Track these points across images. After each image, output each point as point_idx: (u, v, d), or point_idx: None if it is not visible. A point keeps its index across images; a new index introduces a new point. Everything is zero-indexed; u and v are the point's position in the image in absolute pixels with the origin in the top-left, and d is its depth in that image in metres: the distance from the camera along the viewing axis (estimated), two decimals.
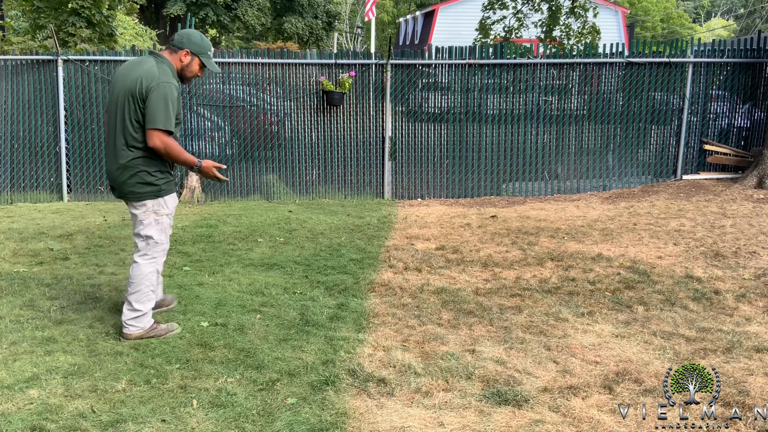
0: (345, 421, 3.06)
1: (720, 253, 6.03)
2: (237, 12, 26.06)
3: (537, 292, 5.00)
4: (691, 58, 9.68)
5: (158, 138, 3.74)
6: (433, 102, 9.68)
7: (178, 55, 3.93)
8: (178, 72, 3.95)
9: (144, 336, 3.97)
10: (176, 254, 6.15)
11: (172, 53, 3.94)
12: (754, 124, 9.92)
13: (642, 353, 3.85)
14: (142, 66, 3.85)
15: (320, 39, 30.37)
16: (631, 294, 4.95)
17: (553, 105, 9.80)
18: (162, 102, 3.72)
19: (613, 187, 9.87)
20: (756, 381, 3.46)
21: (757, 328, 4.27)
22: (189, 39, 3.94)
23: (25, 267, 5.64)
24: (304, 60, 9.50)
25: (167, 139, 3.76)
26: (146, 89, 3.75)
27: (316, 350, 3.86)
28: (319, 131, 9.56)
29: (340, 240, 6.77)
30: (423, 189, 9.74)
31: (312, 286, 5.16)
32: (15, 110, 9.22)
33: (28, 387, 3.34)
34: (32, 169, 9.32)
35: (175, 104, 3.78)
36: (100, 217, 7.97)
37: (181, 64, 3.95)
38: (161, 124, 3.72)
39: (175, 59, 3.93)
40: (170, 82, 3.79)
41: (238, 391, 3.32)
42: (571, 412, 3.15)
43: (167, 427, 2.99)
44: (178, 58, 3.93)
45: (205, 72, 3.96)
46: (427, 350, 3.90)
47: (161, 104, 3.72)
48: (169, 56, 3.94)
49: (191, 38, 3.94)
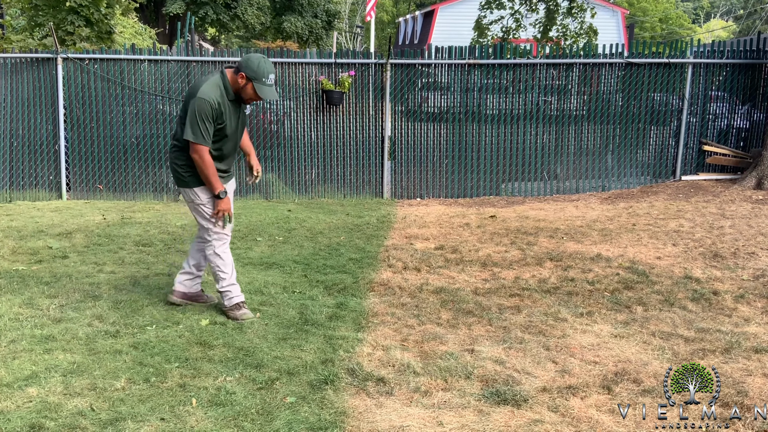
0: (344, 420, 3.07)
1: (719, 253, 6.04)
2: (236, 11, 26.03)
3: (536, 292, 5.00)
4: (691, 59, 9.69)
5: (191, 148, 4.07)
6: (432, 102, 9.68)
7: (237, 76, 4.07)
8: (236, 92, 4.11)
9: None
10: (175, 253, 6.15)
11: (235, 73, 4.09)
12: (754, 125, 9.93)
13: (641, 353, 3.86)
14: (199, 79, 4.21)
15: (320, 38, 30.35)
16: (629, 294, 4.95)
17: (553, 105, 9.81)
18: (193, 116, 3.98)
19: (612, 187, 9.88)
20: (754, 381, 3.47)
21: (756, 328, 4.27)
22: (246, 63, 4.04)
23: (24, 265, 5.64)
24: (304, 59, 9.50)
25: (201, 151, 4.05)
26: (186, 102, 4.10)
27: (315, 349, 3.86)
28: (318, 131, 9.56)
29: (339, 239, 6.77)
30: (422, 189, 9.74)
31: (311, 285, 5.16)
32: (14, 108, 9.22)
33: (27, 385, 3.34)
34: (31, 167, 9.31)
35: (209, 119, 3.99)
36: (99, 215, 7.96)
37: (237, 86, 4.09)
38: (190, 137, 4.01)
39: (234, 80, 4.09)
40: (207, 98, 3.97)
41: (237, 390, 3.32)
42: (570, 412, 3.16)
43: (166, 425, 2.99)
44: (236, 78, 4.08)
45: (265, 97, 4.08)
46: (426, 350, 3.90)
47: (192, 118, 3.99)
48: (231, 75, 4.10)
49: (248, 63, 4.04)
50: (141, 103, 9.34)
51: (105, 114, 9.29)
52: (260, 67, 4.03)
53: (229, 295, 4.38)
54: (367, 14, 22.31)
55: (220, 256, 4.33)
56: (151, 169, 9.41)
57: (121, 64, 9.23)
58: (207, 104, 3.98)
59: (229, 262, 4.38)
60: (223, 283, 4.36)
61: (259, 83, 4.06)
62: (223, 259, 4.34)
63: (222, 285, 4.36)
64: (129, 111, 9.33)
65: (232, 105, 4.14)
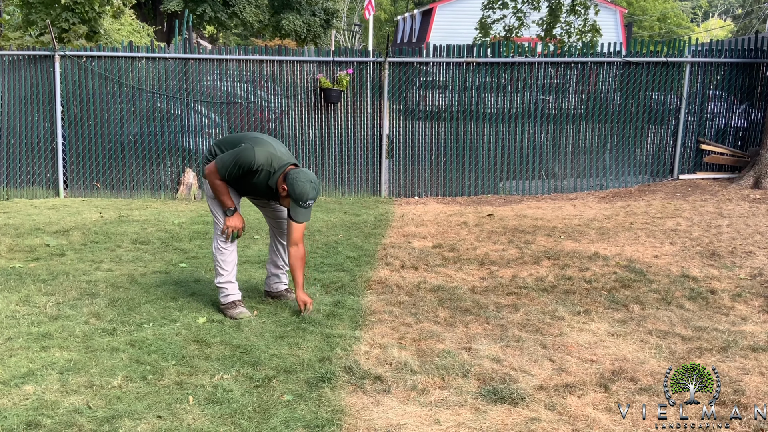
0: (341, 418, 3.07)
1: (716, 252, 6.05)
2: (235, 9, 26.01)
3: (533, 291, 5.00)
4: (689, 58, 9.70)
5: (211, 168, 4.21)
6: (430, 100, 9.68)
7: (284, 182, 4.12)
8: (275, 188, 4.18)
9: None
10: (173, 251, 6.14)
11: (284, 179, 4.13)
12: (751, 124, 9.94)
13: (638, 352, 3.86)
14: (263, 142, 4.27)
15: (318, 36, 30.33)
16: (627, 293, 4.96)
17: (551, 104, 9.81)
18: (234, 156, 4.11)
19: (610, 186, 9.89)
20: (751, 380, 3.47)
21: (753, 327, 4.28)
22: (292, 184, 4.07)
23: (21, 263, 5.63)
24: (302, 57, 9.49)
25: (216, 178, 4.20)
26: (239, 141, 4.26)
27: (312, 347, 3.86)
28: (316, 129, 9.55)
29: (336, 237, 6.77)
30: (420, 187, 9.74)
31: (308, 283, 5.16)
32: (12, 106, 9.20)
33: (23, 383, 3.33)
34: (29, 164, 9.30)
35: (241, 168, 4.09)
36: (97, 213, 7.95)
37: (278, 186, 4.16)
38: (219, 163, 4.16)
39: (281, 181, 4.14)
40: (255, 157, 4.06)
41: (234, 388, 3.32)
42: (567, 411, 3.16)
43: (163, 423, 2.99)
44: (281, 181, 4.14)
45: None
46: (423, 348, 3.90)
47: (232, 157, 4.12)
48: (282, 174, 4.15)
49: (294, 184, 4.06)
50: (138, 101, 9.33)
51: (102, 111, 9.27)
52: (302, 193, 4.06)
53: (225, 292, 4.37)
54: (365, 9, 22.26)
55: (223, 251, 4.36)
56: (149, 167, 9.40)
57: (119, 61, 9.21)
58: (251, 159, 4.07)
59: (231, 259, 4.39)
60: (221, 279, 4.36)
61: (296, 205, 4.13)
62: (224, 255, 4.36)
63: (219, 281, 4.37)
64: (126, 108, 9.32)
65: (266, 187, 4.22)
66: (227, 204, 4.28)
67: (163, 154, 9.37)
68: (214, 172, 4.19)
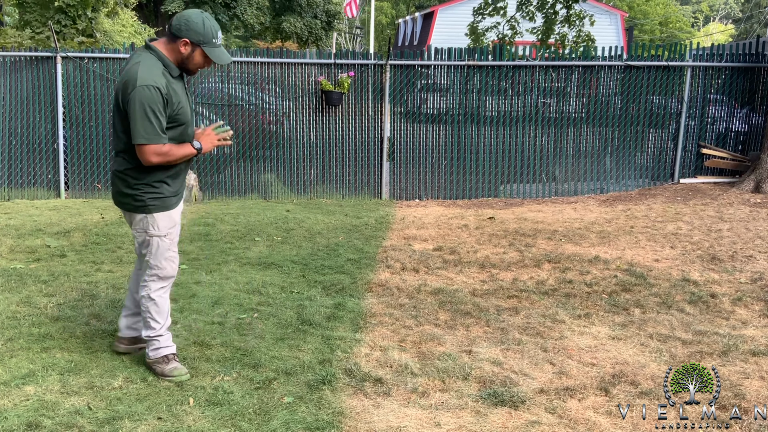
0: (341, 420, 3.07)
1: (717, 256, 6.05)
2: (236, 11, 26.02)
3: (534, 294, 5.00)
4: (690, 62, 9.71)
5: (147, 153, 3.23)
6: (431, 103, 9.68)
7: (176, 44, 3.29)
8: (179, 64, 3.35)
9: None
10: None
11: (170, 42, 3.30)
12: (752, 128, 9.95)
13: (638, 355, 3.86)
14: (129, 66, 3.29)
15: (319, 39, 30.34)
16: (627, 296, 4.96)
17: (552, 107, 9.82)
18: (141, 111, 3.17)
19: (611, 189, 9.89)
20: (752, 384, 3.47)
21: (753, 331, 4.28)
22: (188, 25, 3.26)
23: (22, 264, 5.63)
24: (303, 60, 9.50)
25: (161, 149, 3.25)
26: (124, 99, 3.23)
27: (313, 349, 3.86)
28: (317, 131, 9.56)
29: (337, 240, 6.77)
30: (421, 190, 9.74)
31: (309, 285, 5.16)
32: (13, 107, 9.20)
33: (24, 383, 3.33)
34: (30, 165, 9.30)
35: (161, 111, 3.22)
36: (98, 214, 7.95)
37: (181, 56, 3.32)
38: (143, 139, 3.19)
39: (174, 50, 3.31)
40: (149, 83, 3.17)
41: (234, 390, 3.32)
42: (567, 414, 3.16)
43: (163, 424, 2.99)
44: (177, 48, 3.30)
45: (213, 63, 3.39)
46: (423, 350, 3.90)
47: (141, 114, 3.17)
48: (166, 46, 3.31)
49: (190, 24, 3.26)
50: None
51: (104, 113, 9.28)
52: (206, 26, 3.28)
53: (156, 345, 3.50)
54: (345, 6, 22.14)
55: (156, 301, 3.49)
56: None
57: (121, 63, 9.21)
58: (155, 90, 3.18)
59: (165, 309, 3.54)
60: (151, 332, 3.50)
61: (210, 46, 3.31)
62: (158, 305, 3.50)
63: (150, 333, 3.50)
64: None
65: (179, 83, 3.37)
66: (191, 151, 3.42)
67: None
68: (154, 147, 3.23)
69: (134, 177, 3.36)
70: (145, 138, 3.20)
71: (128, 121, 3.23)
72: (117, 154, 3.40)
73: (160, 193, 3.39)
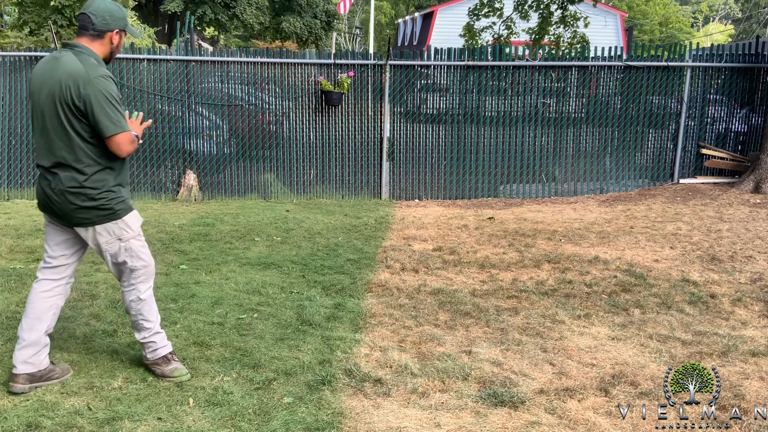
0: (341, 420, 3.07)
1: (716, 257, 6.05)
2: (235, 10, 26.02)
3: (533, 294, 5.00)
4: (689, 63, 9.71)
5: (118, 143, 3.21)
6: (431, 103, 9.69)
7: (106, 38, 3.28)
8: (106, 57, 3.33)
9: None
10: (173, 252, 6.14)
11: (95, 39, 3.26)
12: (752, 128, 9.95)
13: (638, 356, 3.86)
14: (61, 64, 3.19)
15: (319, 39, 30.35)
16: (627, 297, 4.96)
17: (551, 107, 9.82)
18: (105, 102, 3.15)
19: (611, 190, 9.89)
20: (751, 385, 3.48)
21: (753, 332, 4.28)
22: (112, 16, 3.26)
23: (21, 264, 5.63)
24: (303, 60, 9.49)
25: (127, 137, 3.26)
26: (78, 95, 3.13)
27: (312, 350, 3.86)
28: (317, 131, 9.56)
29: (337, 240, 6.77)
30: (420, 190, 9.74)
31: (309, 285, 5.16)
32: (13, 107, 9.20)
33: None
34: (30, 165, 9.29)
35: (118, 96, 3.23)
36: None
37: (111, 47, 3.32)
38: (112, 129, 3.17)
39: (103, 44, 3.28)
40: (103, 74, 3.18)
41: (234, 390, 3.32)
42: (567, 414, 3.16)
43: (163, 425, 2.99)
44: (107, 41, 3.29)
45: None
46: (423, 351, 3.90)
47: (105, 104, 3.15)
48: (91, 43, 3.26)
49: (114, 14, 3.27)
50: (139, 103, 9.33)
51: None
52: (122, 10, 3.33)
53: (153, 347, 3.50)
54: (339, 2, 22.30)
55: (146, 301, 3.46)
56: (149, 168, 9.40)
57: (120, 63, 9.21)
58: (110, 81, 3.19)
59: (154, 308, 3.52)
60: (146, 333, 3.48)
61: (128, 26, 3.38)
62: (149, 304, 3.48)
63: (144, 336, 3.49)
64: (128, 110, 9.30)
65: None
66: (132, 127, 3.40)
67: (163, 156, 9.37)
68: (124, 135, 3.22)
69: (94, 187, 3.23)
70: (120, 127, 3.18)
71: (86, 120, 3.15)
72: (62, 168, 3.20)
73: (121, 195, 3.35)
